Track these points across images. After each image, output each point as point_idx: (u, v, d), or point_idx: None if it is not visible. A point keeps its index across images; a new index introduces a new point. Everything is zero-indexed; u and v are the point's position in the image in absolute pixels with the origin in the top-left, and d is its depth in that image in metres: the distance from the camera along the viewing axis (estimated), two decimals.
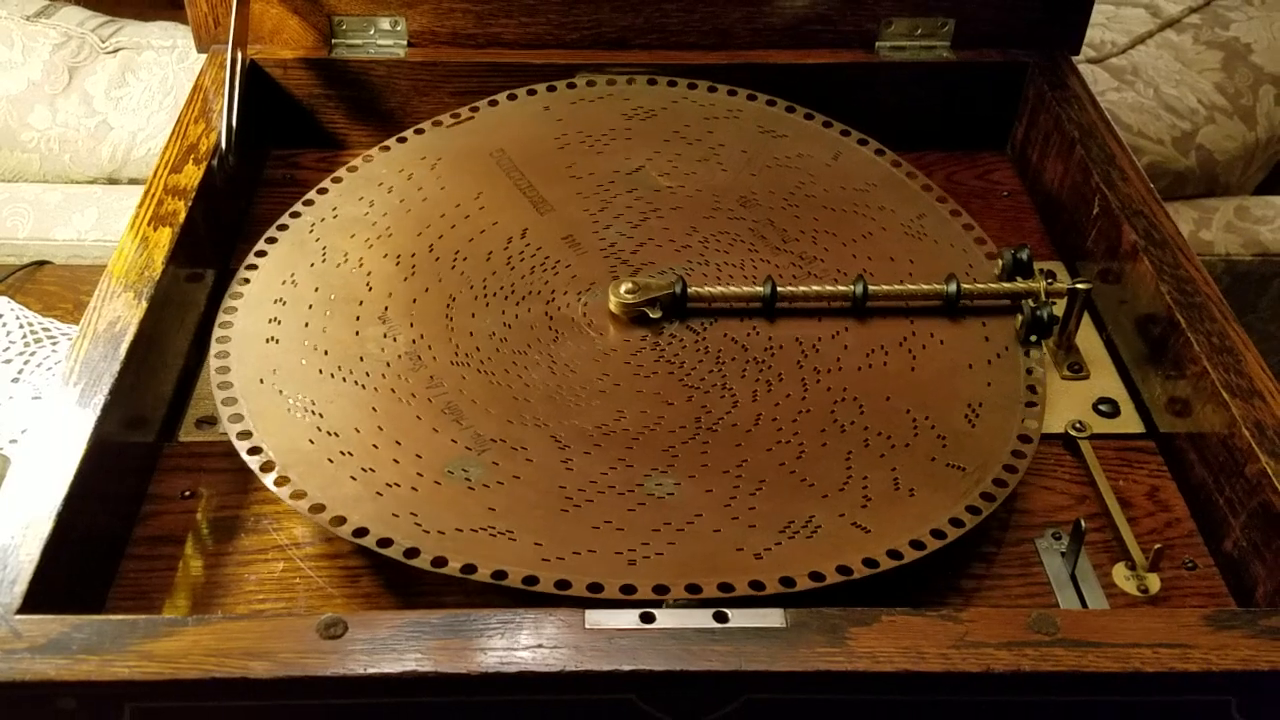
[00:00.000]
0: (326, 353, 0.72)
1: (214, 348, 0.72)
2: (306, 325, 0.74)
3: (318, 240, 0.79)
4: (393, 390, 0.70)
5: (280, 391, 0.69)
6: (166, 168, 0.81)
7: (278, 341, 0.73)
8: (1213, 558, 0.66)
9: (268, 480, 0.64)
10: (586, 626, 0.53)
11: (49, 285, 1.01)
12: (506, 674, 0.52)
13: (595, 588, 0.58)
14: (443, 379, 0.71)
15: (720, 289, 0.75)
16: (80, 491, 0.60)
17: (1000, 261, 0.77)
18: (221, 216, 0.84)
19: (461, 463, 0.66)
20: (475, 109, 0.89)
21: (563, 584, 0.58)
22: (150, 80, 1.23)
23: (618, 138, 0.88)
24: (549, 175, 0.85)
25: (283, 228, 0.80)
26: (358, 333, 0.73)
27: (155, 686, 0.51)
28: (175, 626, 0.53)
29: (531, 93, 0.90)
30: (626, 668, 0.52)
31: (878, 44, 0.95)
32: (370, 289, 0.76)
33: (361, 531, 0.61)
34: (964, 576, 0.65)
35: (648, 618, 0.54)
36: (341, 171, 0.84)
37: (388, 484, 0.64)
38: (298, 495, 0.63)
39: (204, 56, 0.93)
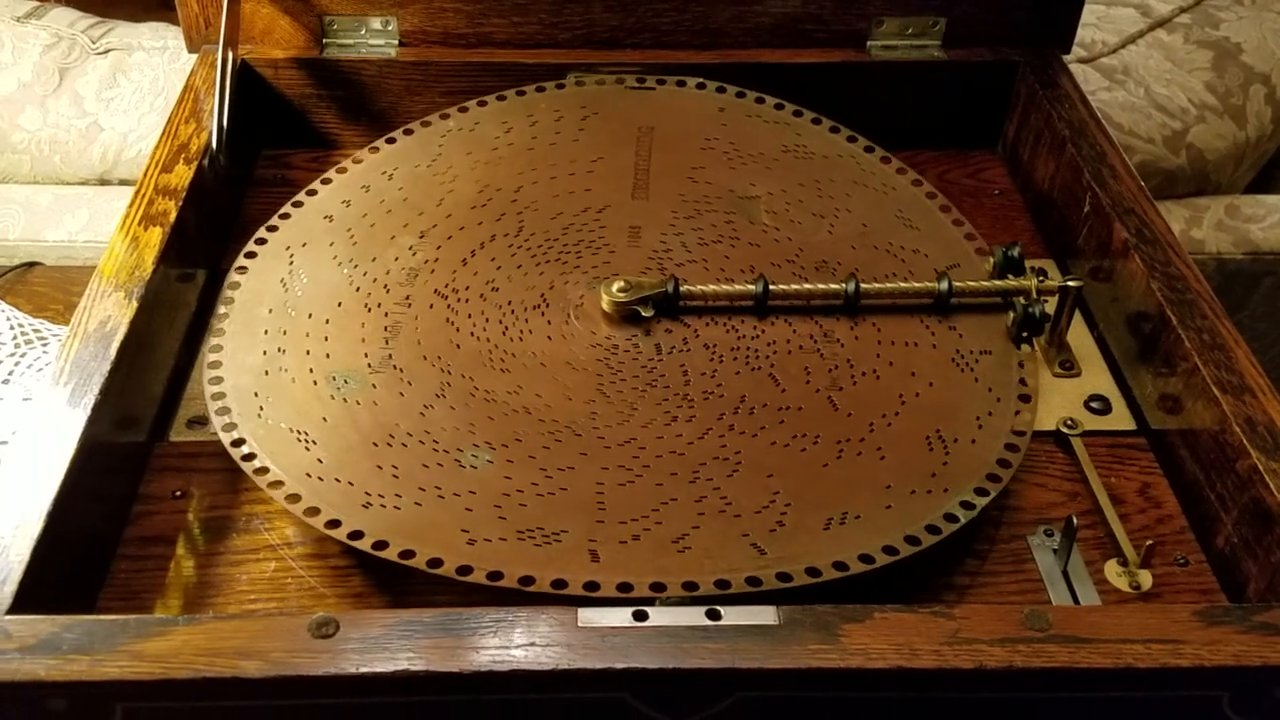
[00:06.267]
0: (355, 244, 0.75)
1: (273, 219, 0.77)
2: (364, 215, 0.77)
3: (440, 148, 0.83)
4: (368, 294, 0.72)
5: (291, 261, 0.74)
6: (157, 167, 0.81)
7: (332, 220, 0.77)
8: (1204, 554, 0.66)
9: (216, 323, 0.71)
10: (579, 624, 0.53)
11: (40, 286, 1.01)
12: (499, 673, 0.51)
13: (312, 511, 0.61)
14: (414, 301, 0.72)
15: (713, 287, 0.75)
16: (71, 492, 0.60)
17: (991, 259, 0.77)
18: (212, 216, 0.83)
19: (347, 374, 0.68)
20: (662, 81, 0.90)
21: (293, 497, 0.61)
22: (141, 81, 1.23)
23: (760, 163, 0.85)
24: (670, 168, 0.84)
25: (426, 124, 0.84)
26: (393, 237, 0.76)
27: (146, 686, 0.51)
28: (166, 626, 0.52)
29: (720, 90, 0.90)
30: (619, 666, 0.52)
31: (869, 43, 0.95)
32: (439, 205, 0.79)
33: (218, 395, 0.66)
34: (956, 573, 0.65)
35: (640, 615, 0.54)
36: (509, 93, 0.88)
37: (278, 367, 0.68)
38: (214, 347, 0.69)
39: (195, 57, 0.93)
